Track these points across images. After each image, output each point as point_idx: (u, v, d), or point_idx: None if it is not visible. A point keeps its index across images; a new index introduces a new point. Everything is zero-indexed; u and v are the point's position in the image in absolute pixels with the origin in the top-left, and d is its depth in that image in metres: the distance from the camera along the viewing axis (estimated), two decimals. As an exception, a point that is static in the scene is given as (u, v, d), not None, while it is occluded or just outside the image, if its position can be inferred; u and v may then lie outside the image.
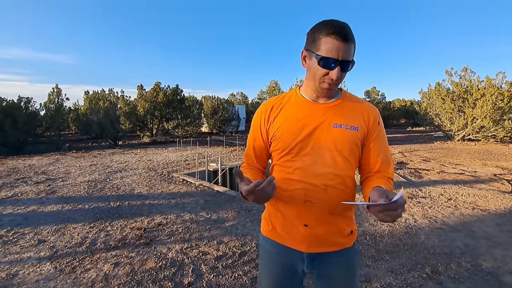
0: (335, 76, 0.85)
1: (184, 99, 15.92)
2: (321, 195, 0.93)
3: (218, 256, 2.62)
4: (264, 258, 1.09)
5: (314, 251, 0.98)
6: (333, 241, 0.98)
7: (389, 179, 0.96)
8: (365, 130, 0.96)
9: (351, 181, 0.98)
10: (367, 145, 0.98)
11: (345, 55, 0.84)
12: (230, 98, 32.98)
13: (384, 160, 0.98)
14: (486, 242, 2.89)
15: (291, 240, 1.00)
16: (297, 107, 0.99)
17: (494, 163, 7.20)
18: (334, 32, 0.83)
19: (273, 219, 1.04)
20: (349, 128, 0.93)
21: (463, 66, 12.70)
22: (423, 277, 2.29)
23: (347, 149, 0.94)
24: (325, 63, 0.85)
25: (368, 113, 0.97)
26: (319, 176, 0.92)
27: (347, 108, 0.97)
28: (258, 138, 1.06)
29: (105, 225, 3.36)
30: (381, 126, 1.00)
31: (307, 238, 0.97)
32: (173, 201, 4.21)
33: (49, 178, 5.65)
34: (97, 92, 17.28)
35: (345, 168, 0.95)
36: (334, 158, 0.93)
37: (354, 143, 0.94)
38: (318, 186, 0.93)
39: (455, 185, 5.05)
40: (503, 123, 11.26)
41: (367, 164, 1.00)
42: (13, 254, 2.67)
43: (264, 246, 1.08)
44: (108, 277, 2.29)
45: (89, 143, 14.21)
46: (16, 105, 11.46)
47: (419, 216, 3.59)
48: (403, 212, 0.81)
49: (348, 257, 1.01)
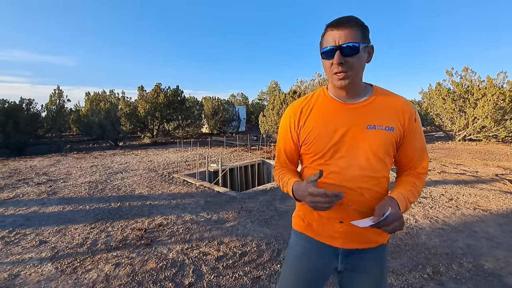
0: (336, 61, 0.84)
1: (185, 100, 15.97)
2: (357, 198, 0.92)
3: (219, 257, 2.62)
4: (296, 253, 1.05)
5: (351, 247, 0.97)
6: (369, 237, 0.97)
7: (421, 175, 0.97)
8: (401, 129, 0.92)
9: (386, 181, 0.97)
10: (403, 145, 0.95)
11: (342, 40, 0.83)
12: (230, 99, 33.02)
13: (419, 156, 0.97)
14: (488, 242, 2.88)
15: (327, 236, 0.98)
16: (327, 108, 0.96)
17: (496, 163, 7.18)
18: (329, 26, 0.87)
19: (308, 217, 1.03)
20: (384, 129, 0.90)
21: (464, 66, 12.71)
22: (424, 277, 2.28)
23: (383, 151, 0.91)
24: (326, 54, 0.87)
25: (403, 111, 0.92)
26: (355, 179, 0.91)
27: (380, 107, 0.93)
28: (289, 142, 1.04)
29: (106, 225, 3.36)
30: (418, 122, 0.95)
31: (343, 234, 0.96)
32: (174, 202, 4.21)
33: (50, 179, 5.66)
34: (98, 93, 17.35)
35: (381, 169, 0.93)
36: (370, 160, 0.91)
37: (390, 144, 0.91)
38: (354, 190, 0.91)
39: (456, 185, 5.04)
40: (504, 123, 11.23)
41: (402, 161, 0.99)
42: (14, 255, 2.67)
43: (297, 241, 1.06)
44: (109, 278, 2.29)
45: (90, 144, 14.24)
46: (18, 107, 11.52)
47: (420, 216, 3.58)
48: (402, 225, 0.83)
49: (381, 254, 1.00)
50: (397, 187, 0.95)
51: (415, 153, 0.96)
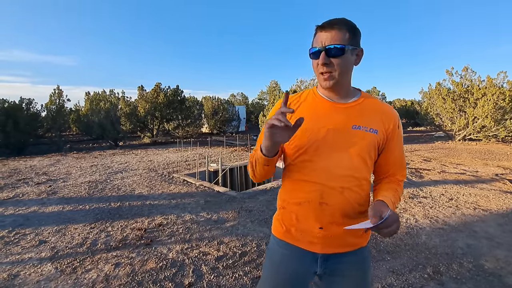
0: (321, 62, 0.88)
1: (185, 99, 15.94)
2: (337, 197, 0.92)
3: (219, 257, 2.62)
4: (275, 260, 1.04)
5: (329, 251, 0.97)
6: (348, 241, 0.96)
7: (400, 182, 1.00)
8: (384, 134, 0.95)
9: (367, 184, 0.98)
10: (385, 150, 0.97)
11: (328, 41, 0.87)
12: (230, 98, 33.03)
13: (399, 163, 1.00)
14: (488, 242, 2.88)
15: (305, 242, 0.98)
16: (316, 106, 0.98)
17: (496, 163, 7.18)
18: (318, 27, 0.90)
19: (287, 222, 1.01)
20: (368, 130, 0.92)
21: (464, 66, 12.69)
22: (425, 277, 2.28)
23: (366, 152, 0.92)
24: (313, 54, 0.90)
25: (389, 116, 0.96)
26: (336, 178, 0.91)
27: (367, 109, 0.95)
28: None
29: (106, 225, 3.36)
30: (400, 129, 0.99)
31: (322, 239, 0.95)
32: (174, 202, 4.21)
33: (50, 179, 5.66)
34: (98, 93, 17.33)
35: (362, 170, 0.93)
36: (352, 159, 0.91)
37: (373, 146, 0.93)
38: (335, 189, 0.91)
39: (456, 185, 5.04)
40: (504, 123, 11.23)
41: (382, 167, 1.00)
42: (14, 255, 2.67)
43: (276, 248, 1.05)
44: (108, 278, 2.29)
45: (90, 144, 14.24)
46: (18, 107, 11.50)
47: (420, 216, 3.58)
48: (398, 228, 0.83)
49: (361, 257, 1.00)
50: (381, 191, 0.95)
51: (396, 159, 0.99)
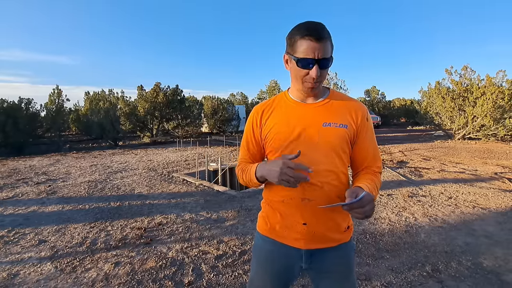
0: (314, 74, 0.89)
1: (184, 99, 15.92)
2: (318, 192, 0.96)
3: (218, 255, 2.62)
4: (261, 257, 1.09)
5: (312, 247, 1.01)
6: (330, 237, 1.01)
7: (377, 173, 1.03)
8: (354, 127, 0.99)
9: (345, 177, 1.02)
10: (357, 142, 1.02)
11: (321, 53, 0.88)
12: (230, 98, 32.98)
13: (373, 155, 1.04)
14: (487, 240, 2.89)
15: (290, 238, 1.02)
16: (287, 108, 1.02)
17: (495, 162, 7.19)
18: (308, 34, 0.87)
19: (271, 219, 1.06)
20: (338, 126, 0.97)
21: (463, 65, 12.69)
22: (424, 275, 2.29)
23: (338, 147, 0.97)
24: (303, 64, 0.90)
25: (356, 111, 1.00)
26: (315, 174, 0.94)
27: (335, 107, 1.00)
28: (251, 141, 1.09)
29: (106, 225, 3.36)
30: (370, 122, 1.03)
31: (305, 236, 0.99)
32: (173, 201, 4.21)
33: (49, 179, 5.66)
34: (98, 92, 17.33)
35: (338, 164, 0.99)
36: (327, 155, 0.97)
37: (344, 141, 0.98)
38: (315, 184, 0.96)
39: (455, 183, 5.05)
40: (503, 122, 11.23)
41: (358, 159, 1.04)
42: (14, 254, 2.67)
43: (261, 244, 1.10)
44: (108, 277, 2.29)
45: (90, 143, 14.22)
46: (17, 107, 11.49)
47: (419, 214, 3.59)
48: (373, 210, 0.84)
49: (345, 252, 1.04)
50: (358, 181, 0.99)
51: (368, 150, 1.03)
